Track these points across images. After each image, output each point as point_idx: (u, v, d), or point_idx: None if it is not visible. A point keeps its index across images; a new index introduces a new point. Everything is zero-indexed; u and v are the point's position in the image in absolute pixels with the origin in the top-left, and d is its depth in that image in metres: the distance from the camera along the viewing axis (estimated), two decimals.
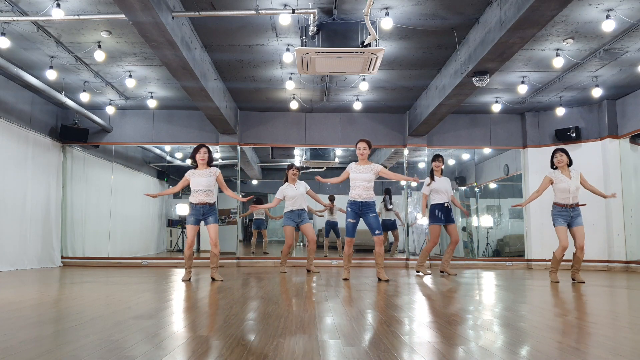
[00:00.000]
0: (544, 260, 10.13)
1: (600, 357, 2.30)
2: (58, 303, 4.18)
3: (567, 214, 6.32)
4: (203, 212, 6.25)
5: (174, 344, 2.54)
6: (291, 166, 7.80)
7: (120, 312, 3.58)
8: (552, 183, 6.41)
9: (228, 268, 9.46)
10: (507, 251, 11.46)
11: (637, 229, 9.42)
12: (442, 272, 7.61)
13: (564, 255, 6.30)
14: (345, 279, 6.38)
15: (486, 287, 6.04)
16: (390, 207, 10.98)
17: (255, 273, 7.81)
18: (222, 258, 10.20)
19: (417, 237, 11.01)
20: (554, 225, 6.35)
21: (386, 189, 11.32)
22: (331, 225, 11.30)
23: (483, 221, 12.07)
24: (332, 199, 11.41)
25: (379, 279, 6.39)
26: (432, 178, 7.50)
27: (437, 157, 7.70)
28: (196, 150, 6.32)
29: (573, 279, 6.42)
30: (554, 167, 6.51)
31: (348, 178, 6.43)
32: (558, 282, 6.36)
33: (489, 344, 2.59)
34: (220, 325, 3.08)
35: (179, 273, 7.84)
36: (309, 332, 2.83)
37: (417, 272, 7.54)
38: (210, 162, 6.37)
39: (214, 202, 6.36)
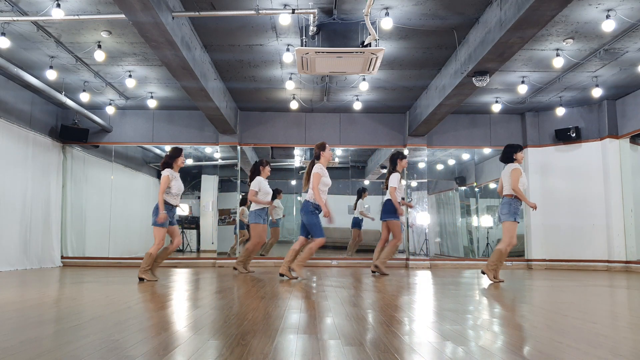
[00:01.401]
0: (544, 260, 10.14)
1: (600, 357, 2.30)
2: (58, 303, 4.18)
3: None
4: (174, 213, 6.33)
5: (174, 344, 2.54)
6: (268, 162, 7.67)
7: (120, 312, 3.58)
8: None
9: (228, 268, 9.46)
10: None
11: (637, 229, 9.41)
12: (374, 272, 7.44)
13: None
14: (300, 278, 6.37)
15: (486, 287, 6.04)
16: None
17: (255, 273, 7.80)
18: (222, 258, 10.21)
19: (417, 237, 11.00)
20: (513, 220, 6.13)
21: (363, 189, 11.29)
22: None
23: (483, 221, 12.06)
24: None
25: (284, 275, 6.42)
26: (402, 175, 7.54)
27: (405, 156, 7.62)
28: (179, 153, 6.30)
29: (493, 278, 6.30)
30: (512, 160, 6.36)
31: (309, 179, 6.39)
32: (503, 280, 6.34)
33: (489, 344, 2.59)
34: (220, 325, 3.08)
35: (179, 273, 7.84)
36: (309, 332, 2.83)
37: (374, 272, 7.39)
38: None
39: None
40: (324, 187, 6.30)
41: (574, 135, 9.89)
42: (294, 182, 11.95)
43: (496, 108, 9.77)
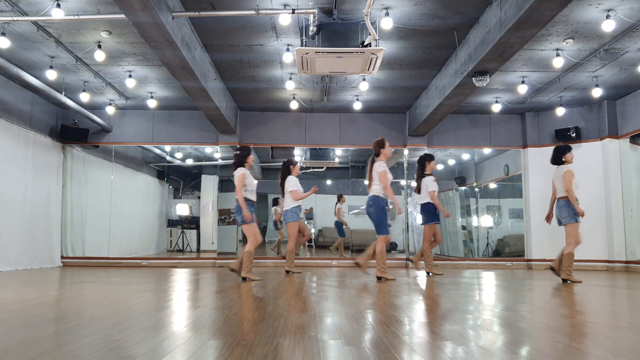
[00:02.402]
0: (544, 260, 10.13)
1: (600, 357, 2.30)
2: (58, 303, 4.18)
3: None
4: (254, 209, 6.40)
5: (174, 344, 2.54)
6: (296, 162, 7.72)
7: (120, 312, 3.58)
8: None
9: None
10: (507, 251, 11.45)
11: (637, 229, 9.41)
12: (429, 273, 7.53)
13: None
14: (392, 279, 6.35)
15: (486, 287, 6.04)
16: None
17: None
18: (222, 258, 10.21)
19: (417, 237, 11.00)
20: (575, 222, 6.10)
21: None
22: (340, 225, 11.36)
23: (483, 221, 12.06)
24: (340, 197, 11.45)
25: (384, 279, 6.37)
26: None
27: (433, 157, 7.63)
28: (250, 152, 6.42)
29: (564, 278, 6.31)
30: (561, 162, 6.33)
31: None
32: (581, 281, 6.28)
33: (489, 344, 2.59)
34: (220, 325, 3.08)
35: (179, 273, 7.84)
36: (309, 332, 2.83)
37: (428, 272, 7.44)
38: None
39: None
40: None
41: (574, 135, 9.89)
42: None
43: (496, 108, 9.77)
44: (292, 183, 7.50)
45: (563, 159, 6.36)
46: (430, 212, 7.38)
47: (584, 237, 6.12)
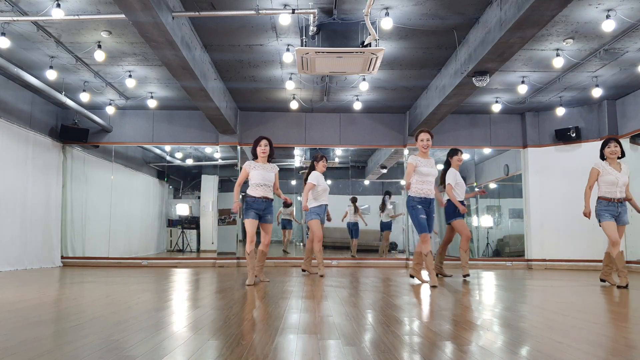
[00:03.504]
0: (544, 260, 10.13)
1: (600, 357, 2.30)
2: (58, 303, 4.18)
3: (614, 209, 5.98)
4: (264, 207, 5.89)
5: (174, 344, 2.54)
6: (323, 156, 7.40)
7: (120, 312, 3.58)
8: (598, 175, 6.03)
9: (228, 268, 9.46)
10: (507, 251, 11.45)
11: (637, 229, 9.40)
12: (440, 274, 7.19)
13: (621, 252, 5.86)
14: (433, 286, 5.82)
15: (486, 287, 6.04)
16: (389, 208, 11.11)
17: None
18: (222, 258, 10.20)
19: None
20: (600, 222, 5.94)
21: (386, 191, 11.37)
22: (354, 227, 11.39)
23: (483, 221, 12.06)
24: (354, 200, 11.48)
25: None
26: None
27: (457, 152, 7.36)
28: (257, 143, 6.07)
29: (604, 280, 6.08)
30: (604, 157, 6.14)
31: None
32: (627, 285, 5.72)
33: (489, 344, 2.59)
34: (220, 325, 3.08)
35: (179, 273, 7.84)
36: (309, 332, 2.84)
37: (465, 275, 6.93)
38: (271, 157, 6.10)
39: (272, 199, 6.06)
40: (425, 177, 6.03)
41: (574, 135, 9.89)
42: (294, 182, 11.95)
43: (496, 108, 9.77)
44: (311, 177, 7.26)
45: (604, 154, 6.16)
46: (453, 208, 7.14)
47: (583, 237, 6.04)
